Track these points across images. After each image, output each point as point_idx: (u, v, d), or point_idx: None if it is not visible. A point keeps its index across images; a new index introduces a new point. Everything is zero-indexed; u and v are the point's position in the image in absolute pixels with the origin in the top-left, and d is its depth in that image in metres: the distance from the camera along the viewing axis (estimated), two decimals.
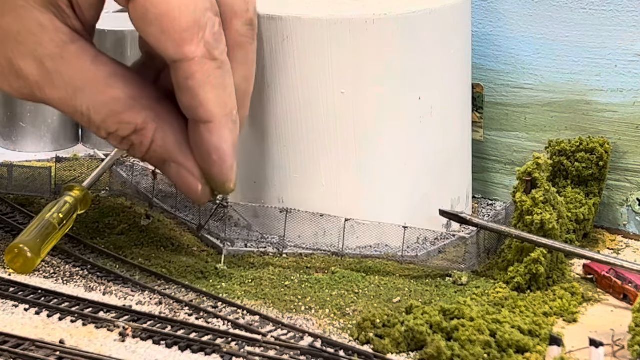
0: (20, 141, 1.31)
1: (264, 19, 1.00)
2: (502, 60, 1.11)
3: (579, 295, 0.94)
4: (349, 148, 1.01)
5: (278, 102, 1.02)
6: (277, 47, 1.01)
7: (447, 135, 1.05)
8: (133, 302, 0.93)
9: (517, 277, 0.94)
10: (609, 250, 1.04)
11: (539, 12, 1.08)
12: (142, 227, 1.07)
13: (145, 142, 0.88)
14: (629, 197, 1.06)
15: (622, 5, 1.03)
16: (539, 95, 1.09)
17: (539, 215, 0.95)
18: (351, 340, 0.87)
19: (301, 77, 1.01)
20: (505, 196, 1.12)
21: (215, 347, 0.85)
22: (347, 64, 1.00)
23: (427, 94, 1.02)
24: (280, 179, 1.04)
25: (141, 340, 0.86)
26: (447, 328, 0.85)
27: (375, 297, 0.94)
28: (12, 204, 1.12)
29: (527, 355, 0.83)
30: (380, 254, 1.00)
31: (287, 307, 0.92)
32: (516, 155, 1.12)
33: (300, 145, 1.02)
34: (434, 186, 1.05)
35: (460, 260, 0.99)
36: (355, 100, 1.00)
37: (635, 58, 1.04)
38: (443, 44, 1.03)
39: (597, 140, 1.04)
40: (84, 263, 1.00)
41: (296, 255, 1.00)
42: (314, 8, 1.01)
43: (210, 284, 0.96)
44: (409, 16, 1.00)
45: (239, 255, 1.01)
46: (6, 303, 0.93)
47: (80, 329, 0.89)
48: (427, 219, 1.04)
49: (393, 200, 1.03)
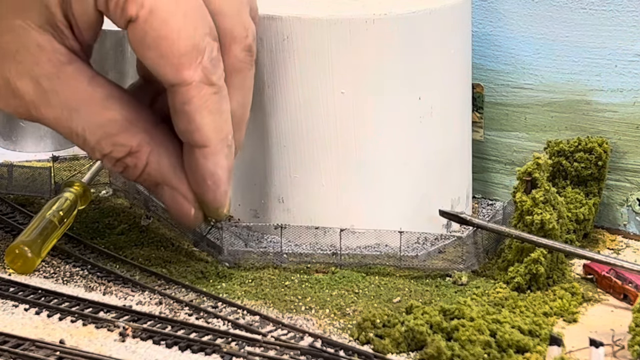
0: (20, 141, 1.31)
1: (264, 19, 1.00)
2: (502, 60, 1.11)
3: (579, 295, 0.94)
4: (349, 148, 1.01)
5: (278, 102, 1.02)
6: (277, 47, 1.01)
7: (447, 135, 1.05)
8: (133, 302, 0.93)
9: (517, 277, 0.94)
10: (609, 250, 1.04)
11: (539, 12, 1.08)
12: (142, 227, 1.07)
13: (140, 164, 0.88)
14: (629, 197, 1.06)
15: (622, 5, 1.03)
16: (539, 95, 1.09)
17: (539, 215, 0.95)
18: (351, 340, 0.87)
19: (301, 77, 1.01)
20: (505, 196, 1.12)
21: (215, 347, 0.85)
22: (347, 64, 1.00)
23: (427, 94, 1.02)
24: (280, 179, 1.04)
25: (141, 340, 0.86)
26: (447, 328, 0.85)
27: (375, 297, 0.94)
28: (12, 204, 1.12)
29: (527, 355, 0.83)
30: (380, 254, 1.00)
31: (287, 307, 0.92)
32: (516, 155, 1.12)
33: (300, 145, 1.02)
34: (434, 186, 1.05)
35: (460, 260, 0.99)
36: (355, 100, 1.00)
37: (635, 58, 1.04)
38: (443, 44, 1.03)
39: (596, 140, 1.04)
40: (84, 263, 1.00)
41: (296, 255, 1.00)
42: (314, 8, 1.01)
43: (210, 284, 0.96)
44: (409, 16, 1.00)
45: (238, 256, 1.01)
46: (6, 303, 0.93)
47: (80, 329, 0.89)
48: (427, 219, 1.04)
49: (393, 200, 1.03)
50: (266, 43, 1.01)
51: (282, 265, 0.99)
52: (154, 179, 0.89)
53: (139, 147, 0.87)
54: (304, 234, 1.02)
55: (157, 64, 0.84)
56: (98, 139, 0.87)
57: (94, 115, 0.86)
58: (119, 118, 0.87)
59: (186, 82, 0.84)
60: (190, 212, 0.90)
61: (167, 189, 0.89)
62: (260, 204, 1.06)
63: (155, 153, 0.88)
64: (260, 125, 1.04)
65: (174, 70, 0.84)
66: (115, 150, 0.88)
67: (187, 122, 0.86)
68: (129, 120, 0.87)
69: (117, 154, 0.88)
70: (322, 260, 1.00)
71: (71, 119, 0.87)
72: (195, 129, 0.85)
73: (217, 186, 0.88)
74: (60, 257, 1.02)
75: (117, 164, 0.89)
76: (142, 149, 0.88)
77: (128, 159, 0.88)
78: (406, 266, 0.99)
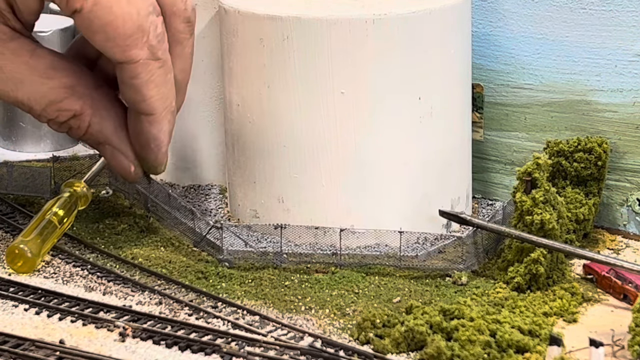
0: (20, 141, 1.31)
1: (264, 19, 1.01)
2: (502, 60, 1.11)
3: (579, 295, 0.94)
4: (349, 148, 1.01)
5: (278, 102, 1.02)
6: (277, 47, 1.01)
7: (447, 136, 1.05)
8: (133, 302, 0.93)
9: (517, 277, 0.94)
10: (609, 250, 1.04)
11: (539, 12, 1.08)
12: (142, 227, 1.07)
13: (83, 126, 0.93)
14: (629, 197, 1.06)
15: (622, 5, 1.03)
16: (539, 95, 1.09)
17: (539, 215, 0.95)
18: (351, 340, 0.87)
19: (301, 77, 1.01)
20: (505, 196, 1.12)
21: (215, 347, 0.85)
22: (347, 64, 1.00)
23: (427, 94, 1.02)
24: (280, 179, 1.04)
25: (141, 340, 0.86)
26: (447, 328, 0.85)
27: (375, 297, 0.94)
28: (12, 204, 1.12)
29: (527, 355, 0.83)
30: (380, 254, 1.00)
31: (287, 307, 0.92)
32: (516, 155, 1.12)
33: (300, 145, 1.02)
34: (434, 186, 1.05)
35: (460, 260, 0.99)
36: (355, 100, 1.00)
37: (635, 58, 1.04)
38: (443, 44, 1.03)
39: (596, 140, 1.04)
40: (84, 263, 1.00)
41: (296, 255, 1.00)
42: (314, 8, 1.01)
43: (210, 284, 0.96)
44: (409, 16, 1.00)
45: (238, 256, 1.01)
46: (6, 303, 0.93)
47: (80, 329, 0.89)
48: (427, 219, 1.04)
49: (393, 200, 1.03)
50: (266, 43, 1.01)
51: (282, 265, 1.00)
52: (96, 138, 0.94)
53: (82, 110, 0.92)
54: (304, 234, 1.02)
55: (105, 46, 0.88)
56: (43, 106, 0.92)
57: (37, 85, 0.91)
58: (61, 86, 0.91)
59: (133, 61, 0.88)
60: (130, 169, 0.95)
61: (109, 148, 0.94)
62: (260, 204, 1.06)
63: (97, 115, 0.93)
64: (260, 125, 1.04)
65: (121, 51, 0.88)
66: (60, 115, 0.92)
67: (134, 94, 0.90)
68: (71, 87, 0.92)
69: (61, 118, 0.92)
70: (322, 260, 1.00)
71: (17, 90, 0.91)
72: (142, 100, 0.90)
73: (159, 148, 0.93)
74: (60, 257, 1.02)
75: (62, 126, 0.93)
76: (85, 111, 0.92)
77: (72, 121, 0.92)
78: (406, 266, 0.99)
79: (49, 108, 0.91)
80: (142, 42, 0.88)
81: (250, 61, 1.04)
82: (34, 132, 1.31)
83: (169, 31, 0.91)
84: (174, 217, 1.07)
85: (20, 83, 0.91)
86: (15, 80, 0.91)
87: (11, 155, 1.28)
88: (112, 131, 0.93)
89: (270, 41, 1.01)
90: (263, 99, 1.03)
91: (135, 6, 0.87)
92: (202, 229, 1.03)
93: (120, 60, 0.88)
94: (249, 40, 1.03)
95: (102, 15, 0.86)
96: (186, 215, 1.06)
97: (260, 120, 1.03)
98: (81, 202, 1.04)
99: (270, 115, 1.03)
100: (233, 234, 1.02)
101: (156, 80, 0.90)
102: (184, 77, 0.95)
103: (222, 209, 1.13)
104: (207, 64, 1.16)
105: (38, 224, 0.99)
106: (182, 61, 0.93)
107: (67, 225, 1.01)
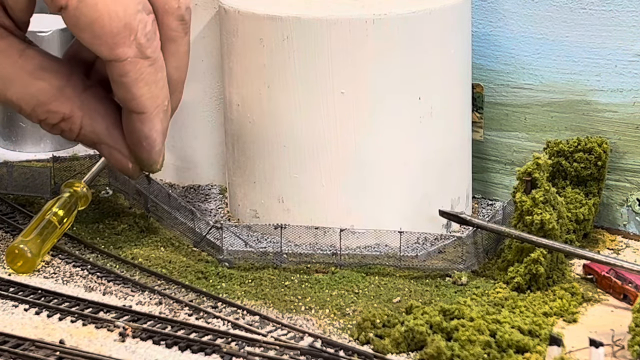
0: (20, 141, 1.31)
1: (264, 19, 1.01)
2: (502, 60, 1.11)
3: (579, 295, 0.94)
4: (349, 148, 1.01)
5: (278, 102, 1.02)
6: (277, 47, 1.01)
7: (447, 135, 1.05)
8: (133, 302, 0.93)
9: (517, 277, 0.94)
10: (609, 250, 1.04)
11: (539, 12, 1.08)
12: (142, 227, 1.07)
13: (74, 128, 0.93)
14: (629, 197, 1.06)
15: (622, 5, 1.03)
16: (539, 95, 1.09)
17: (539, 215, 0.95)
18: (351, 340, 0.87)
19: (301, 77, 1.01)
20: (505, 196, 1.12)
21: (215, 347, 0.85)
22: (347, 64, 1.00)
23: (427, 94, 1.02)
24: (280, 179, 1.04)
25: (141, 340, 0.86)
26: (447, 328, 0.85)
27: (375, 297, 0.94)
28: (12, 204, 1.12)
29: (527, 355, 0.83)
30: (380, 254, 1.00)
31: (287, 307, 0.92)
32: (516, 155, 1.12)
33: (300, 145, 1.02)
34: (434, 186, 1.05)
35: (460, 260, 0.99)
36: (355, 100, 1.00)
37: (635, 58, 1.04)
38: (443, 44, 1.03)
39: (595, 140, 1.04)
40: (84, 263, 1.00)
41: (296, 255, 1.00)
42: (314, 8, 1.01)
43: (210, 284, 0.96)
44: (409, 16, 1.00)
45: (238, 256, 1.01)
46: (6, 303, 0.93)
47: (80, 329, 0.89)
48: (427, 219, 1.04)
49: (393, 200, 1.03)
50: (266, 43, 1.01)
51: (282, 265, 1.00)
52: (90, 139, 0.95)
53: (71, 112, 0.92)
54: (304, 234, 1.01)
55: (92, 44, 0.88)
56: (32, 107, 0.92)
57: (26, 85, 0.91)
58: (50, 87, 0.92)
59: (121, 59, 0.88)
60: (128, 165, 0.95)
61: (105, 147, 0.95)
62: (260, 204, 1.06)
63: (87, 117, 0.93)
64: (259, 125, 1.04)
65: (108, 48, 0.88)
66: (49, 117, 0.92)
67: (124, 92, 0.90)
68: (59, 88, 0.92)
69: (51, 120, 0.93)
70: (322, 260, 1.00)
71: (6, 89, 0.91)
72: (132, 98, 0.90)
73: (151, 147, 0.94)
74: (60, 257, 1.02)
75: (53, 128, 0.94)
76: (75, 114, 0.93)
77: (62, 123, 0.93)
78: (406, 266, 0.99)
79: (38, 109, 0.92)
80: (129, 40, 0.87)
81: (250, 61, 1.04)
82: (34, 132, 1.31)
83: (162, 29, 0.91)
84: (174, 217, 1.07)
85: (10, 82, 0.91)
86: (5, 79, 0.91)
87: (11, 155, 1.28)
88: (105, 131, 0.94)
89: (270, 41, 1.01)
90: (263, 99, 1.03)
91: (122, 4, 0.87)
92: (202, 229, 1.03)
93: (108, 58, 0.88)
94: (249, 40, 1.03)
95: (87, 12, 0.86)
96: (186, 216, 1.06)
97: (260, 120, 1.03)
98: (81, 202, 1.04)
99: (270, 115, 1.03)
100: (233, 234, 1.02)
101: (146, 79, 0.90)
102: (179, 76, 0.95)
103: (222, 209, 1.13)
104: (207, 64, 1.16)
105: (38, 224, 0.99)
106: (176, 59, 0.93)
107: (67, 226, 1.01)
